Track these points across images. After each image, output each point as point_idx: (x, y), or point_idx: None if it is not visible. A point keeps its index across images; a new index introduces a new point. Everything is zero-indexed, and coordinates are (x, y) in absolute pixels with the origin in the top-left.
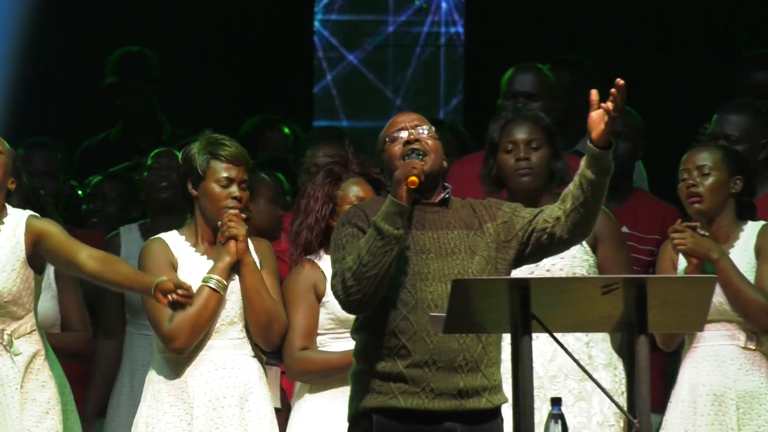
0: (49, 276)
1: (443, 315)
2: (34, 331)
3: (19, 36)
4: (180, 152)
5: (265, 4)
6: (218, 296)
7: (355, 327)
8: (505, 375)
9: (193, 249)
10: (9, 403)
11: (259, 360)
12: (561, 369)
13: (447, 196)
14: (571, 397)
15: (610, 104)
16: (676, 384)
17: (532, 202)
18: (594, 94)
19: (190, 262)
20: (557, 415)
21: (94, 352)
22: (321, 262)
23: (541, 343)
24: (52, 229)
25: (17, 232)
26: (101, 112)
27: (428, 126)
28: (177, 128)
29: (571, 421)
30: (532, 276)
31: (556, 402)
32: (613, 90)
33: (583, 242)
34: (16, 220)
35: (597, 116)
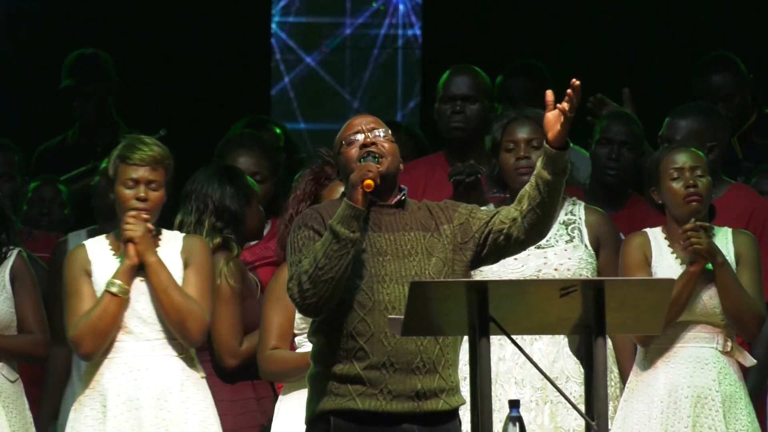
0: (3, 278)
1: (401, 317)
2: None
3: None
4: None
5: (222, 6)
6: (119, 300)
7: (313, 329)
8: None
9: (112, 253)
10: None
11: (189, 360)
12: (563, 371)
13: (403, 198)
14: (572, 400)
15: (565, 105)
16: (642, 382)
17: None
18: (549, 95)
19: (105, 266)
20: (515, 418)
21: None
22: None
23: (543, 344)
24: None
25: None
26: (58, 115)
27: (384, 129)
28: (133, 130)
29: (571, 423)
30: (538, 274)
31: (514, 404)
32: (569, 91)
33: (588, 245)
34: None
35: (553, 117)
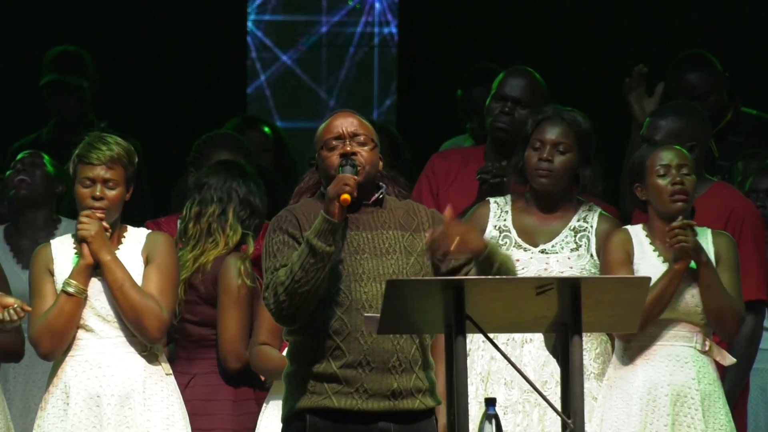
0: None
1: (377, 315)
2: None
3: None
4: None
5: (198, 4)
6: (75, 300)
7: (287, 329)
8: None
9: (75, 252)
10: None
11: (152, 356)
12: (552, 375)
13: (381, 196)
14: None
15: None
16: (621, 380)
17: (549, 204)
18: (447, 214)
19: (68, 265)
20: (492, 416)
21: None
22: None
23: (534, 347)
24: None
25: None
26: (32, 112)
27: (365, 130)
28: (108, 128)
29: (560, 428)
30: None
31: (490, 402)
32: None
33: (594, 254)
34: None
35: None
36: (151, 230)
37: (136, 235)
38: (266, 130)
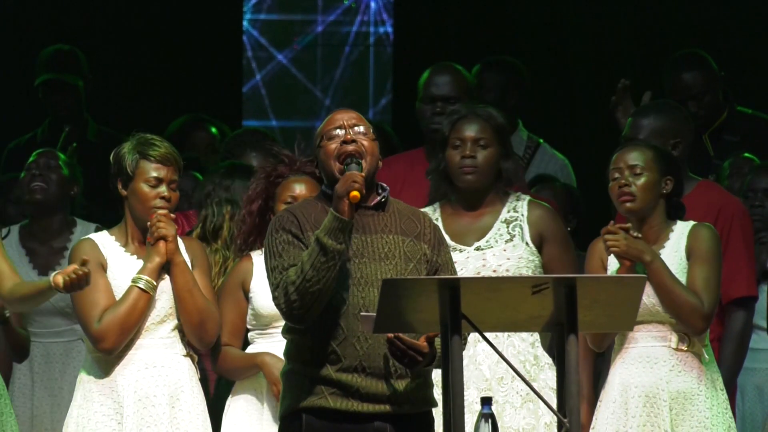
0: None
1: (373, 315)
2: None
3: None
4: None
5: (194, 3)
6: (147, 296)
7: (287, 327)
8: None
9: (123, 249)
10: None
11: (191, 359)
12: (508, 371)
13: (383, 200)
14: (519, 399)
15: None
16: (606, 384)
17: (477, 201)
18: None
19: (119, 262)
20: (488, 415)
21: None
22: (258, 257)
23: (487, 345)
24: None
25: None
26: (27, 112)
27: (365, 125)
28: (103, 127)
29: (520, 422)
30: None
31: (486, 401)
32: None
33: (530, 242)
34: None
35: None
36: (181, 235)
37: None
38: (213, 130)
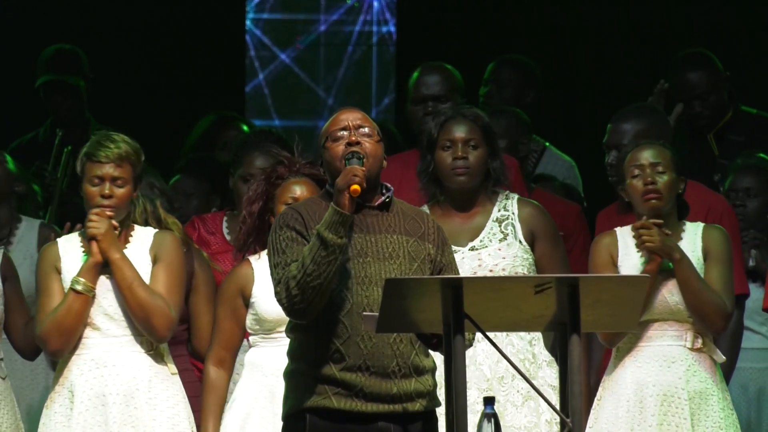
0: None
1: (376, 314)
2: None
3: None
4: None
5: (196, 3)
6: (83, 298)
7: (291, 326)
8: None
9: (83, 250)
10: None
11: (158, 355)
12: (508, 369)
13: (387, 200)
14: (520, 397)
15: None
16: (612, 382)
17: (468, 201)
18: None
19: (75, 263)
20: (490, 414)
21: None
22: (257, 261)
23: (487, 344)
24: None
25: None
26: (29, 112)
27: (370, 126)
28: (105, 127)
29: (522, 421)
30: (471, 275)
31: (489, 401)
32: None
33: (523, 240)
34: None
35: None
36: (158, 229)
37: (144, 234)
38: (244, 128)
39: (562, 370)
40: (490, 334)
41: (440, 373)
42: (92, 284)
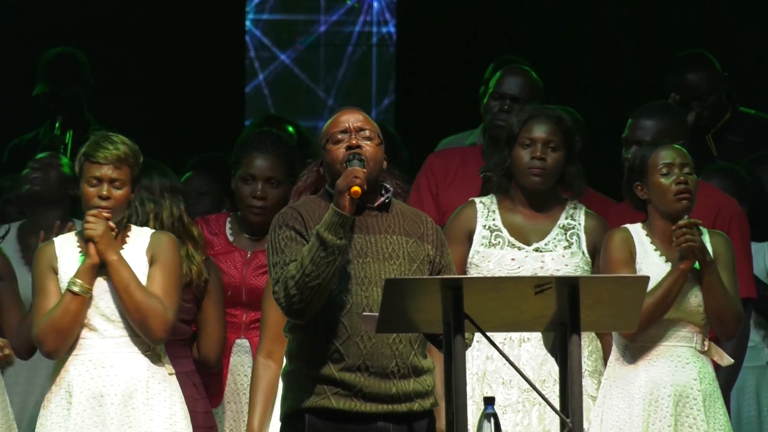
0: None
1: (376, 314)
2: None
3: None
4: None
5: (196, 3)
6: (80, 299)
7: (290, 326)
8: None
9: (79, 250)
10: None
11: (156, 356)
12: (551, 374)
13: (387, 201)
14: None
15: None
16: (622, 380)
17: (538, 202)
18: None
19: (71, 264)
20: (490, 414)
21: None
22: None
23: (532, 346)
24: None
25: None
26: (29, 111)
27: (371, 128)
28: (104, 127)
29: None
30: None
31: (489, 401)
32: None
33: (585, 252)
34: None
35: None
36: (155, 230)
37: (141, 235)
38: (290, 129)
39: (561, 371)
40: (530, 334)
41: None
42: (89, 286)
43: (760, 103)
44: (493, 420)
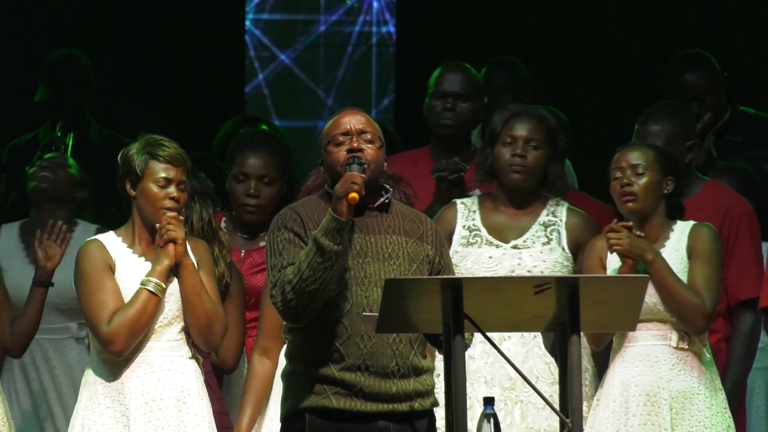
0: None
1: (376, 315)
2: None
3: None
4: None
5: (196, 3)
6: (156, 299)
7: (288, 327)
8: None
9: (131, 250)
10: None
11: (197, 361)
12: (532, 371)
13: (387, 201)
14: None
15: None
16: (604, 383)
17: (519, 200)
18: None
19: (127, 263)
20: (490, 415)
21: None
22: None
23: (512, 343)
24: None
25: None
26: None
27: (372, 130)
28: (104, 128)
29: (542, 423)
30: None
31: (489, 401)
32: None
33: (566, 247)
34: None
35: None
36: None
37: None
38: (264, 129)
39: (561, 371)
40: (520, 334)
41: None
42: (165, 286)
43: (761, 103)
44: (492, 420)
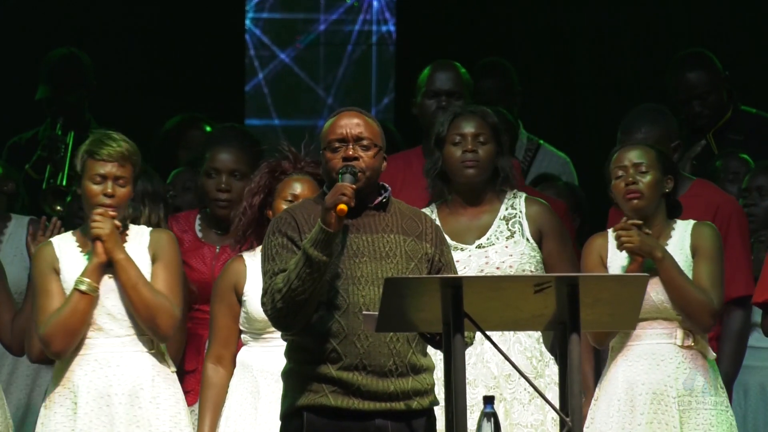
0: None
1: (375, 314)
2: None
3: None
4: None
5: (196, 2)
6: (88, 298)
7: None
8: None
9: (80, 250)
10: None
11: (159, 354)
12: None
13: (384, 200)
14: (527, 395)
15: None
16: (606, 381)
17: (476, 197)
18: None
19: (73, 263)
20: (490, 414)
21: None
22: (251, 258)
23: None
24: None
25: None
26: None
27: (370, 135)
28: (105, 127)
29: (528, 419)
30: (480, 274)
31: (488, 400)
32: None
33: (530, 238)
34: None
35: None
36: (154, 228)
37: (140, 233)
38: (207, 129)
39: (561, 369)
40: (498, 332)
41: (440, 372)
42: (97, 284)
43: (762, 102)
44: (492, 420)
